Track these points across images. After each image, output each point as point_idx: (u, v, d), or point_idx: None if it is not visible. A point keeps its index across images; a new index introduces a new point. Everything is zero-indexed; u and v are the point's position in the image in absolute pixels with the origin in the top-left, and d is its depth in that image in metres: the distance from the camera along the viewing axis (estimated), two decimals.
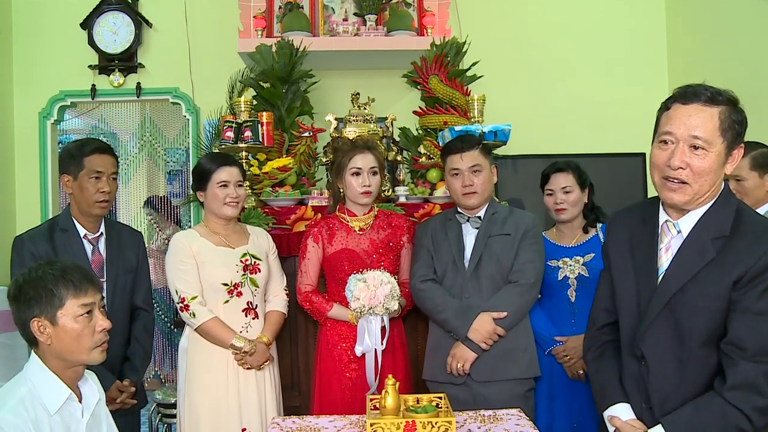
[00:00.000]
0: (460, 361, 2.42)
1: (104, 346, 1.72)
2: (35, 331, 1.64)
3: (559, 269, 2.67)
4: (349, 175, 2.59)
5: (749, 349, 1.52)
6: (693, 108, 1.58)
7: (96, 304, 1.70)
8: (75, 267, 1.70)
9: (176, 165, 4.93)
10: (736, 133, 1.59)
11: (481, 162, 2.52)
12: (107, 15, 4.08)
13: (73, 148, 2.45)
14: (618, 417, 1.73)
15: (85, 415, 1.71)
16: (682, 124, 1.58)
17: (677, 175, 1.59)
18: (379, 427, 1.86)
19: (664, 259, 1.68)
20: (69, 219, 2.46)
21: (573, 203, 2.68)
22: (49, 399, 1.63)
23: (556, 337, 2.61)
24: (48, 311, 1.63)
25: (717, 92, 1.59)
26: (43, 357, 1.67)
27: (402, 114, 3.56)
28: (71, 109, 4.34)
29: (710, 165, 1.57)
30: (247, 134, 3.04)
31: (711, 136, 1.56)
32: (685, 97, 1.59)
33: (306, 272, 2.63)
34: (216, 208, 2.54)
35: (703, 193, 1.60)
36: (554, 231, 2.81)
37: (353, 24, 3.79)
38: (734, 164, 1.63)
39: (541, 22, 4.27)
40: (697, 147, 1.57)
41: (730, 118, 1.58)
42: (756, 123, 3.39)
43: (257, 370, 2.53)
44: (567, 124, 4.16)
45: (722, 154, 1.58)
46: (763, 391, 1.50)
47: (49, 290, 1.63)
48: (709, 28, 3.88)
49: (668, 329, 1.64)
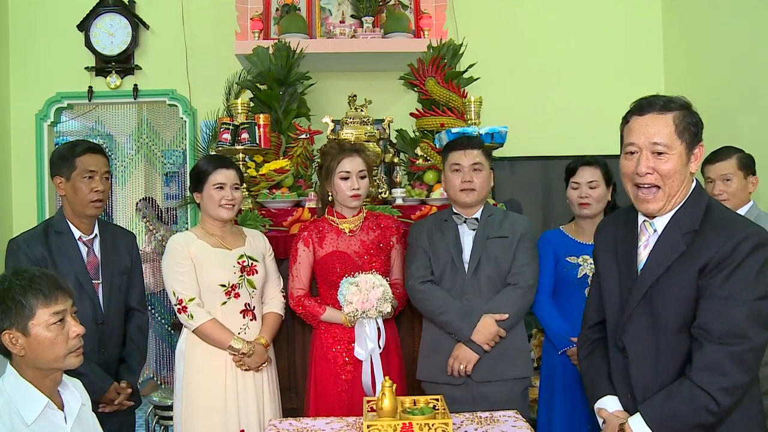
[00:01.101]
0: (463, 362, 2.42)
1: (79, 351, 1.70)
2: (7, 343, 1.61)
3: (579, 267, 2.64)
4: (338, 178, 2.60)
5: (714, 332, 1.59)
6: (649, 118, 1.70)
7: (68, 311, 1.68)
8: (42, 275, 1.66)
9: (173, 167, 4.91)
10: (693, 133, 1.70)
11: (483, 162, 2.54)
12: (104, 17, 4.07)
13: (64, 150, 2.45)
14: (605, 409, 1.82)
15: (68, 421, 1.69)
16: (641, 134, 1.71)
17: (647, 181, 1.70)
18: (376, 429, 1.86)
19: (643, 255, 1.78)
20: (63, 221, 2.46)
21: (598, 198, 2.67)
22: (26, 409, 1.61)
23: (573, 338, 2.57)
24: (19, 322, 1.60)
25: (669, 100, 1.72)
26: (18, 368, 1.64)
27: (399, 116, 3.56)
28: (68, 111, 4.33)
29: (674, 166, 1.69)
30: (244, 136, 3.04)
31: (669, 140, 1.68)
32: (641, 109, 1.73)
33: (297, 276, 2.63)
34: (212, 210, 2.54)
35: (674, 193, 1.71)
36: (573, 226, 2.78)
37: (350, 26, 3.79)
38: (698, 162, 1.74)
39: (537, 25, 4.28)
40: (660, 153, 1.69)
41: (685, 122, 1.69)
42: (752, 122, 3.42)
43: (255, 371, 2.53)
44: (564, 125, 4.17)
45: (683, 155, 1.70)
46: (728, 372, 1.57)
47: (18, 301, 1.60)
48: (704, 29, 3.89)
49: (646, 320, 1.73)
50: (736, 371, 1.58)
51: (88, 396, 1.83)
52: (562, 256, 2.68)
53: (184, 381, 2.52)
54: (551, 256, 2.70)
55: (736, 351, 1.58)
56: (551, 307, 2.65)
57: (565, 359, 2.62)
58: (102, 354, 2.43)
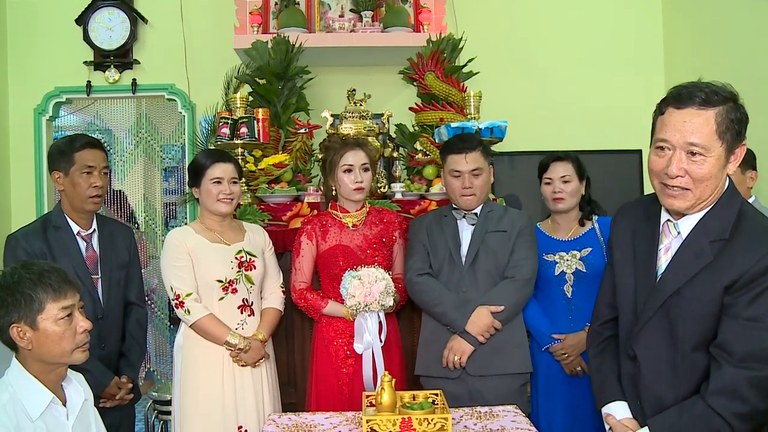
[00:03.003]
0: (458, 353, 2.42)
1: (85, 346, 1.70)
2: (15, 337, 1.61)
3: (556, 264, 2.65)
4: (341, 172, 2.59)
5: (736, 354, 1.49)
6: (687, 113, 1.51)
7: (75, 306, 1.68)
8: (52, 269, 1.66)
9: (172, 162, 4.91)
10: (736, 132, 1.52)
11: (482, 164, 2.53)
12: (102, 11, 4.06)
13: (63, 144, 2.43)
14: (613, 415, 1.73)
15: (70, 418, 1.69)
16: (677, 130, 1.51)
17: (676, 183, 1.54)
18: (375, 424, 1.86)
19: (663, 260, 1.65)
20: (61, 216, 2.45)
21: (571, 193, 2.66)
22: (31, 404, 1.60)
23: (554, 335, 2.60)
24: (28, 316, 1.60)
25: (713, 92, 1.51)
26: (24, 362, 1.64)
27: (398, 110, 3.55)
28: (66, 106, 4.33)
29: (710, 170, 1.51)
30: (243, 131, 3.03)
31: (708, 141, 1.49)
32: (679, 100, 1.52)
33: (300, 270, 2.63)
34: (209, 205, 2.54)
35: (705, 198, 1.55)
36: (549, 223, 2.78)
37: (349, 20, 3.78)
38: (737, 162, 1.56)
39: (537, 19, 4.27)
40: (694, 153, 1.50)
41: (728, 119, 1.50)
42: (753, 120, 3.40)
43: (253, 367, 2.52)
44: (563, 120, 4.16)
45: (722, 157, 1.52)
46: (747, 398, 1.47)
47: (27, 295, 1.59)
48: (705, 24, 3.88)
49: (662, 332, 1.61)
50: (755, 397, 1.47)
51: (90, 391, 1.83)
52: (539, 254, 2.65)
53: (182, 376, 2.52)
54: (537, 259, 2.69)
55: (757, 376, 1.47)
56: (533, 305, 2.65)
57: (548, 356, 2.62)
58: (102, 349, 2.43)
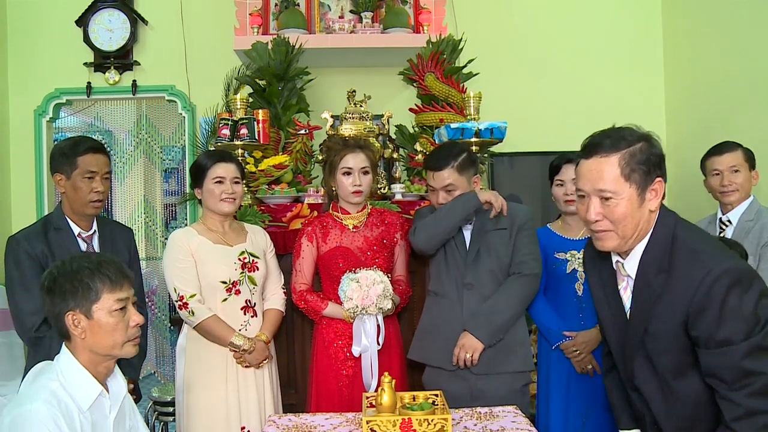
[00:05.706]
0: (469, 351, 2.40)
1: (137, 340, 1.71)
2: (69, 324, 1.62)
3: (567, 262, 2.64)
4: (340, 174, 2.59)
5: (726, 379, 1.54)
6: (594, 161, 1.61)
7: (129, 299, 1.69)
8: (110, 261, 1.68)
9: (172, 163, 4.92)
10: (644, 172, 1.59)
11: (455, 180, 2.46)
12: (103, 12, 4.07)
13: (66, 147, 2.41)
14: None
15: (112, 410, 1.69)
16: (587, 180, 1.62)
17: (597, 227, 1.63)
18: (375, 425, 1.87)
19: (625, 298, 1.73)
20: (62, 217, 2.45)
21: None
22: (81, 395, 1.61)
23: (565, 332, 2.59)
24: (83, 305, 1.61)
25: (620, 137, 1.60)
26: (75, 350, 1.65)
27: (398, 111, 3.56)
28: (67, 107, 4.33)
29: (624, 211, 1.59)
30: (243, 132, 3.04)
31: (614, 185, 1.58)
32: (587, 150, 1.64)
33: (301, 271, 2.63)
34: (212, 205, 2.54)
35: (630, 235, 1.62)
36: (560, 223, 2.78)
37: (349, 21, 3.78)
38: (658, 198, 1.62)
39: (537, 20, 4.27)
40: (607, 198, 1.59)
41: (633, 162, 1.58)
42: (752, 118, 3.41)
43: (256, 368, 2.53)
44: (563, 121, 4.16)
45: (634, 198, 1.59)
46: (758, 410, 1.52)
47: (85, 284, 1.61)
48: (705, 24, 3.88)
49: (648, 366, 1.69)
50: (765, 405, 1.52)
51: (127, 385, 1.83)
52: (550, 252, 2.67)
53: (185, 377, 2.52)
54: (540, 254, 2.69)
55: (755, 389, 1.51)
56: (543, 304, 2.65)
57: (560, 354, 2.62)
58: None
